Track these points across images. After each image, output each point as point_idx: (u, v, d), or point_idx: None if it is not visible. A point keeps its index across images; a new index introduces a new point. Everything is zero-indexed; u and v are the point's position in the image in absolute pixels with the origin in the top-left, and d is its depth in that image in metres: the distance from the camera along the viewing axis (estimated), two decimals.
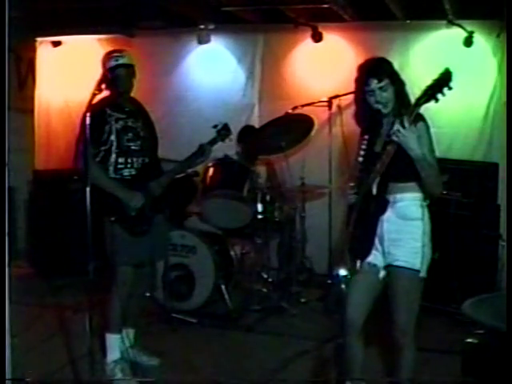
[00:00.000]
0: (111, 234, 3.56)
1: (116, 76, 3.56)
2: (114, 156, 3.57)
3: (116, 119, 3.58)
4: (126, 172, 3.60)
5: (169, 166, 3.84)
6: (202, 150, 3.82)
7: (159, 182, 3.70)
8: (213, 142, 3.90)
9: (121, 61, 3.60)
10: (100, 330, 3.62)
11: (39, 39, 6.32)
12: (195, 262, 4.67)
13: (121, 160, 3.58)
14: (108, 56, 3.64)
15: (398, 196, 2.80)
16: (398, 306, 2.81)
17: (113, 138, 3.56)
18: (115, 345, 3.62)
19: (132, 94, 3.75)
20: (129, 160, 3.60)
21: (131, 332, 3.80)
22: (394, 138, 2.60)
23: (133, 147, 3.62)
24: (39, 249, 5.84)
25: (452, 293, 4.27)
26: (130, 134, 3.62)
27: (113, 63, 3.58)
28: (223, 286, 4.70)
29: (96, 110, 3.34)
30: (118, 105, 3.63)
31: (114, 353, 3.61)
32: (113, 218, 3.53)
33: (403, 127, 2.57)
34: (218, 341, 4.28)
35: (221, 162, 4.88)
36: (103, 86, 3.28)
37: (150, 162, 3.71)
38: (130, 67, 3.65)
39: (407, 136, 2.58)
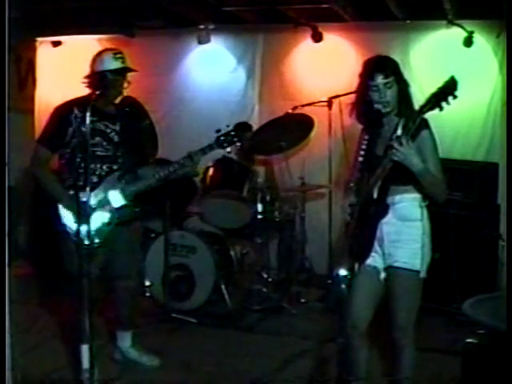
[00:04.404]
0: (64, 243, 3.36)
1: (103, 81, 3.28)
2: (77, 160, 3.27)
3: (82, 121, 3.16)
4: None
5: (165, 167, 3.54)
6: (188, 161, 3.43)
7: (123, 191, 3.35)
8: (207, 149, 3.47)
9: (112, 66, 3.30)
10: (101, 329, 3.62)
11: (39, 39, 6.32)
12: (195, 262, 4.67)
13: (83, 165, 3.22)
14: (97, 57, 3.36)
15: (397, 197, 2.80)
16: (398, 307, 2.81)
17: (75, 141, 3.27)
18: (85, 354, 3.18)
19: (132, 95, 3.62)
20: (91, 166, 3.23)
21: (128, 333, 3.77)
22: (394, 157, 2.59)
23: (98, 153, 3.33)
24: (39, 249, 5.84)
25: (452, 293, 4.27)
26: (98, 139, 3.33)
27: (102, 67, 3.31)
28: (223, 286, 4.70)
29: (62, 110, 3.16)
30: (92, 106, 3.04)
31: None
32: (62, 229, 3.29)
33: (401, 144, 2.55)
34: (218, 341, 4.27)
35: (221, 162, 4.88)
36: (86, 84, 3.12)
37: (118, 169, 3.39)
38: (121, 72, 3.33)
39: (406, 153, 2.56)
